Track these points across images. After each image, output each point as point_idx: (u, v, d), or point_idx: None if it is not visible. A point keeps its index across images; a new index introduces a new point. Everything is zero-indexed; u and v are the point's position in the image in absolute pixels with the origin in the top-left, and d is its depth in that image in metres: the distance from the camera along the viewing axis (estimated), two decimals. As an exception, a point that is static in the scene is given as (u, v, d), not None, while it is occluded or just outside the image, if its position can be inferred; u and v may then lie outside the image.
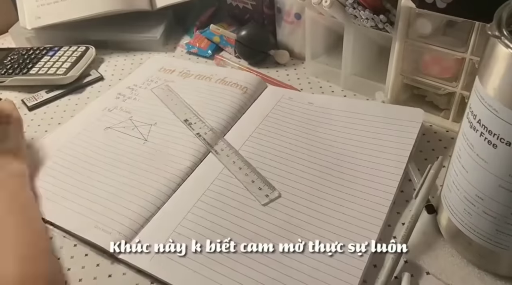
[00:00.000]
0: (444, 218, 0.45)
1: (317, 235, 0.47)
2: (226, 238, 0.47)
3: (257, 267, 0.45)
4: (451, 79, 0.58)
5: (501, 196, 0.37)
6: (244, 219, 0.49)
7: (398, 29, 0.58)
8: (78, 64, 0.77)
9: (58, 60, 0.78)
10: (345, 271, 0.44)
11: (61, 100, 0.74)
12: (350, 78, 0.69)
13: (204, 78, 0.72)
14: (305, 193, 0.52)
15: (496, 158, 0.36)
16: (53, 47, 0.82)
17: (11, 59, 0.79)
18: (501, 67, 0.33)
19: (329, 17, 0.65)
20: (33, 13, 0.81)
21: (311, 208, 0.50)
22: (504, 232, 0.39)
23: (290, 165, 0.56)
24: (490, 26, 0.33)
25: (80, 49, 0.80)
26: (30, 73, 0.76)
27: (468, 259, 0.45)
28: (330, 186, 0.52)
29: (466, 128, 0.38)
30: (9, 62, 0.78)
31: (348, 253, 0.45)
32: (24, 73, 0.76)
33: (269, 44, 0.77)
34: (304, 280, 0.43)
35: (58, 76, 0.75)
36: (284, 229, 0.48)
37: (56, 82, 0.75)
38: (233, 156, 0.57)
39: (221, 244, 0.47)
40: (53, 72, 0.75)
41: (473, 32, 0.52)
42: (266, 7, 0.78)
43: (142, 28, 0.85)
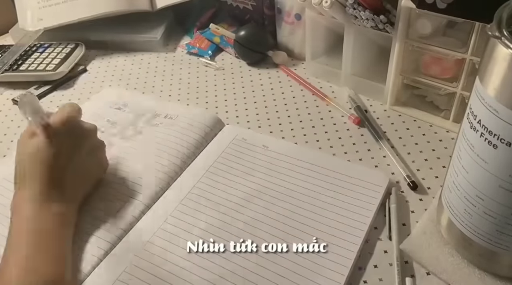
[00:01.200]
0: (445, 218, 0.45)
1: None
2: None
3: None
4: (451, 80, 0.58)
5: (501, 197, 0.37)
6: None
7: (398, 29, 0.58)
8: (67, 60, 0.78)
9: (47, 57, 0.79)
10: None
11: (54, 96, 0.76)
12: (350, 78, 0.69)
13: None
14: (258, 238, 0.49)
15: (496, 159, 0.36)
16: (43, 44, 0.82)
17: (1, 56, 0.79)
18: (501, 68, 0.33)
19: (329, 18, 0.65)
20: (35, 15, 0.81)
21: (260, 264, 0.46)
22: (504, 232, 0.39)
23: (241, 211, 0.52)
24: (490, 27, 0.33)
25: (69, 46, 0.82)
26: (20, 69, 0.77)
27: (468, 260, 0.44)
28: (283, 237, 0.49)
29: (467, 128, 0.38)
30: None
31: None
32: (14, 70, 0.77)
33: (267, 45, 0.77)
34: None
35: (48, 72, 0.76)
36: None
37: (45, 78, 0.76)
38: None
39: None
40: (42, 68, 0.77)
41: (473, 33, 0.52)
42: (266, 7, 0.78)
43: (143, 29, 0.85)
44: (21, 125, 0.69)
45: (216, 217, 0.51)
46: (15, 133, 0.68)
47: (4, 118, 0.71)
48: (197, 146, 0.61)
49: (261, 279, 0.45)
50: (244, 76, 0.76)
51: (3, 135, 0.68)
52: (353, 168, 0.55)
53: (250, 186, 0.55)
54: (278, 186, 0.54)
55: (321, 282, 0.44)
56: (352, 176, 0.54)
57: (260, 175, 0.56)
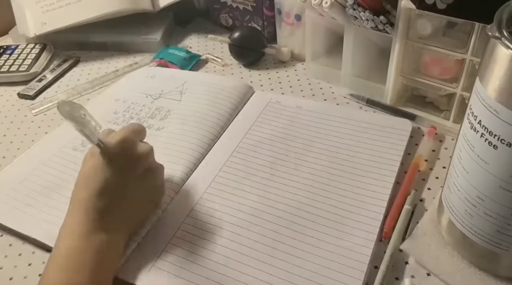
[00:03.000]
0: (445, 219, 0.45)
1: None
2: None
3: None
4: (451, 80, 0.58)
5: (501, 197, 0.37)
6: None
7: (398, 30, 0.58)
8: (39, 60, 0.81)
9: (18, 58, 0.81)
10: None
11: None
12: (350, 79, 0.69)
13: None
14: (300, 197, 0.52)
15: (496, 159, 0.36)
16: (10, 46, 0.84)
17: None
18: (501, 68, 0.33)
19: (329, 19, 0.65)
20: (39, 19, 0.81)
21: (309, 212, 0.50)
22: (504, 233, 0.39)
23: (281, 169, 0.56)
24: (490, 27, 0.33)
25: (38, 46, 0.83)
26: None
27: (469, 260, 0.44)
28: (326, 189, 0.53)
29: (467, 129, 0.38)
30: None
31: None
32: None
33: (261, 42, 0.77)
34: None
35: (21, 73, 0.78)
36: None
37: (19, 79, 0.78)
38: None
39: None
40: (15, 69, 0.78)
41: (473, 33, 0.52)
42: (266, 8, 0.79)
43: (142, 30, 0.85)
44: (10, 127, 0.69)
45: (263, 171, 0.56)
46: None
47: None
48: (233, 109, 0.65)
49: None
50: (244, 77, 0.76)
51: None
52: (378, 117, 0.63)
53: (291, 144, 0.59)
54: (319, 140, 0.59)
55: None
56: (379, 124, 0.60)
57: (300, 133, 0.61)
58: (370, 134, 0.59)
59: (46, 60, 0.82)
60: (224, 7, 0.86)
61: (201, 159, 0.58)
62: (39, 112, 0.71)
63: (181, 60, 0.79)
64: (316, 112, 0.64)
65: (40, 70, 0.80)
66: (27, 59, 0.80)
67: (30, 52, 0.82)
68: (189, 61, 0.80)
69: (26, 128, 0.69)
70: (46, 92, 0.77)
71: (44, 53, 0.82)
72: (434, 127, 0.60)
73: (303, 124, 0.62)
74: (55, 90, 0.77)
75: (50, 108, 0.72)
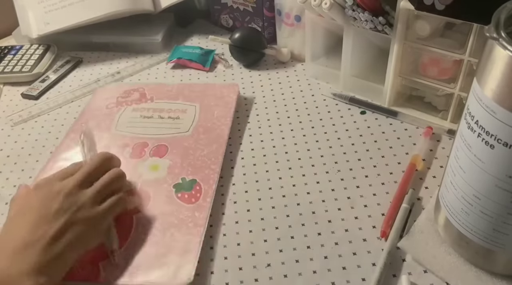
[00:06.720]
0: (442, 217, 0.46)
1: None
2: None
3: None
4: (449, 81, 0.58)
5: (498, 196, 0.38)
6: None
7: (397, 31, 0.58)
8: (42, 61, 0.81)
9: (21, 58, 0.81)
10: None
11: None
12: (349, 80, 0.69)
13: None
14: None
15: (493, 159, 0.36)
16: (14, 47, 0.85)
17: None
18: (499, 69, 0.33)
19: (329, 19, 0.65)
20: (42, 20, 0.81)
21: None
22: (500, 231, 0.40)
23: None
24: (488, 28, 0.34)
25: (41, 47, 0.84)
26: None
27: (465, 258, 0.45)
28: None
29: (464, 129, 0.39)
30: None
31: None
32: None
33: (261, 43, 0.78)
34: None
35: (25, 73, 0.78)
36: None
37: (23, 79, 0.79)
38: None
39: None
40: (19, 70, 0.79)
41: (471, 34, 0.52)
42: (266, 9, 0.79)
43: (144, 31, 0.86)
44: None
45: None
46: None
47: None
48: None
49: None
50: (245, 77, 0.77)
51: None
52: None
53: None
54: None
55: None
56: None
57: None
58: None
59: (50, 60, 0.82)
60: (224, 8, 0.86)
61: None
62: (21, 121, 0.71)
63: (199, 57, 0.80)
64: None
65: (43, 70, 0.80)
66: (31, 60, 0.81)
67: (33, 53, 0.82)
68: (206, 56, 0.80)
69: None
70: (49, 92, 0.77)
71: (48, 53, 0.83)
72: (431, 127, 0.60)
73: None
74: (58, 90, 0.77)
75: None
